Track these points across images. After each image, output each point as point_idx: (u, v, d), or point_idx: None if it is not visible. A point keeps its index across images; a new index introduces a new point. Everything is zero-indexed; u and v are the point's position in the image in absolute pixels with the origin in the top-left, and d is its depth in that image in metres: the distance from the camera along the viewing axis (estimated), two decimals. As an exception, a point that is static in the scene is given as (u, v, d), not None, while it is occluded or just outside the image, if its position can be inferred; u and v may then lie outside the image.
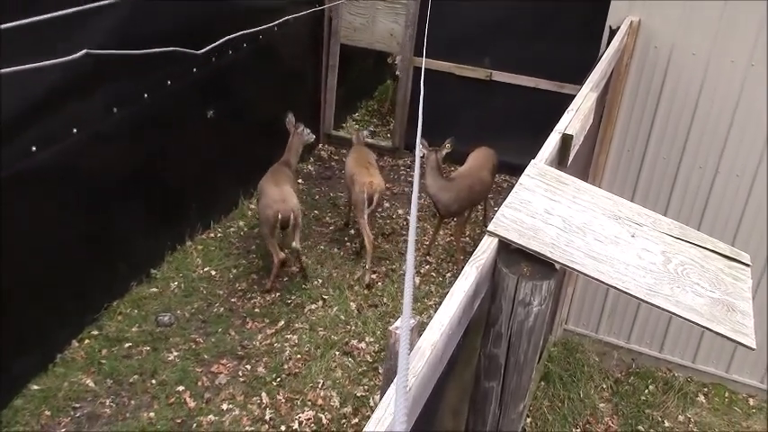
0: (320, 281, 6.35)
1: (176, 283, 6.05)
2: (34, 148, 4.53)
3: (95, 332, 5.40)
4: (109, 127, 5.19)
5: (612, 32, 4.94)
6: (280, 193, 6.02)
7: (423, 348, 1.75)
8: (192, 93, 6.09)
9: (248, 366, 5.34)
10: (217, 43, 2.94)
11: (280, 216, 5.88)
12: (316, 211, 7.42)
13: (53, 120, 4.68)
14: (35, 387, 4.88)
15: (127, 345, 5.35)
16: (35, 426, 4.62)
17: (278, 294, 6.13)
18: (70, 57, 2.14)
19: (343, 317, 5.94)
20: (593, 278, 2.23)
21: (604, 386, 5.71)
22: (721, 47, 4.83)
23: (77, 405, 4.84)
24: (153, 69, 5.53)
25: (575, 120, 3.25)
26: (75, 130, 4.85)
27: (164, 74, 5.69)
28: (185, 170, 6.28)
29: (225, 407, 4.97)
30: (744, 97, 4.88)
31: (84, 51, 2.20)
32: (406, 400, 1.29)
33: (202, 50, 2.78)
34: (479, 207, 7.28)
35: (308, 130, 6.78)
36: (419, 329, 2.02)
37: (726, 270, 2.42)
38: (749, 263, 2.50)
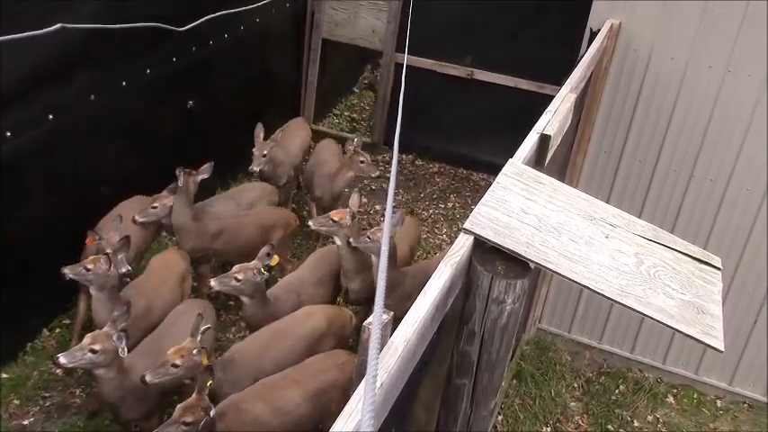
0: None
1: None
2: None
3: (67, 321, 5.33)
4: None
5: (593, 34, 4.97)
6: None
7: (395, 344, 1.75)
8: (171, 82, 6.02)
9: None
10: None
11: None
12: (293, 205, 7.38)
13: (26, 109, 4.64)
14: (4, 375, 4.81)
15: (99, 334, 5.29)
16: (3, 414, 4.57)
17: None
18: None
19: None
20: (566, 278, 2.25)
21: (575, 385, 5.76)
22: (699, 52, 4.88)
23: (47, 394, 4.79)
24: (132, 56, 5.46)
25: (553, 120, 3.27)
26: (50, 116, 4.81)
27: (143, 63, 5.62)
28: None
29: (196, 398, 4.93)
30: (720, 103, 4.93)
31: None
32: (374, 395, 1.29)
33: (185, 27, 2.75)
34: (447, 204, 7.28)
35: None
36: (392, 325, 2.02)
37: (697, 273, 2.45)
38: (720, 266, 2.54)
